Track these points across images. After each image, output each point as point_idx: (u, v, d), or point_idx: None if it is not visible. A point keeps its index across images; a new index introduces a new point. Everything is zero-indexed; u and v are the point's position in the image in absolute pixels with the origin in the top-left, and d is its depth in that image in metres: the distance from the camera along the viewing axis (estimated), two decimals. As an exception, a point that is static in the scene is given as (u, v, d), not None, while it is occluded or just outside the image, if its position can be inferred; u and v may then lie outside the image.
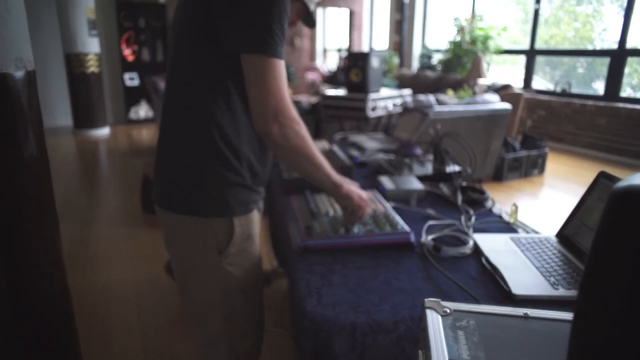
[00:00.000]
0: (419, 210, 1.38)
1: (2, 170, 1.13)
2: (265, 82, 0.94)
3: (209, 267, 1.09)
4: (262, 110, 0.95)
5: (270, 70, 0.94)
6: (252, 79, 0.95)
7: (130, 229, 3.33)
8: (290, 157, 1.01)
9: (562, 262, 1.01)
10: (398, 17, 8.45)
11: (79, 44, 6.35)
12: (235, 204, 1.06)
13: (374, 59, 2.72)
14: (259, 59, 0.93)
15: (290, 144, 0.98)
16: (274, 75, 0.94)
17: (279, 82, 0.95)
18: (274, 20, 0.93)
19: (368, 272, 1.00)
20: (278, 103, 0.95)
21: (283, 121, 0.96)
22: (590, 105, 5.71)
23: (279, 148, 0.99)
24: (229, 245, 1.07)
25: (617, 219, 0.34)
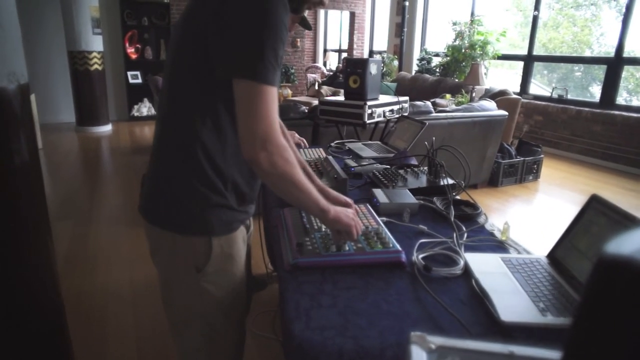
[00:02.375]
0: (412, 226, 1.38)
1: None
2: (255, 108, 0.93)
3: (187, 283, 1.10)
4: (250, 137, 0.94)
5: (260, 97, 0.93)
6: (242, 105, 0.94)
7: (130, 229, 3.33)
8: (278, 184, 1.00)
9: (552, 287, 1.01)
10: (398, 20, 8.45)
11: (83, 42, 6.35)
12: (217, 224, 1.07)
13: (373, 66, 2.72)
14: (249, 85, 0.93)
15: (278, 172, 0.97)
16: (264, 102, 0.93)
17: (269, 109, 0.94)
18: (266, 46, 0.92)
19: (357, 293, 1.00)
20: (267, 130, 0.93)
21: (271, 149, 0.94)
22: (587, 112, 5.73)
23: (266, 175, 0.98)
24: (207, 265, 1.08)
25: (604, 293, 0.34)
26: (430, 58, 7.89)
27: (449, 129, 3.84)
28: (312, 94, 8.34)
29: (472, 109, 4.07)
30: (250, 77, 0.92)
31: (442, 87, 6.31)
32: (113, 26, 7.41)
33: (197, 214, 1.05)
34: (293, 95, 8.75)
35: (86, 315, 2.28)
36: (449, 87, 6.20)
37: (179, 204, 1.06)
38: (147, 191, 1.13)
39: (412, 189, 1.61)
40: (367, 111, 2.65)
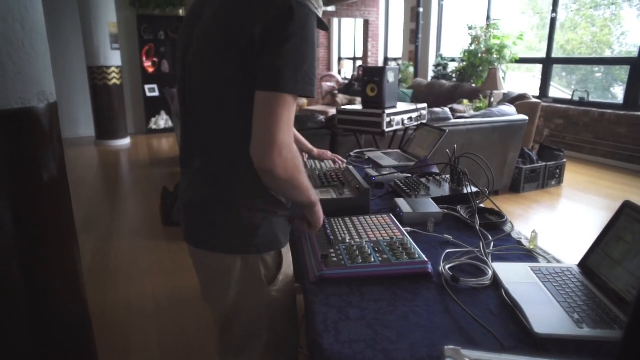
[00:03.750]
0: (437, 235, 1.37)
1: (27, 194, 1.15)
2: (276, 116, 0.92)
3: (258, 298, 1.13)
4: (268, 143, 0.92)
5: (282, 105, 0.93)
6: (262, 112, 0.93)
7: (150, 242, 3.37)
8: (285, 187, 1.02)
9: (586, 297, 0.98)
10: (413, 27, 8.44)
11: (102, 58, 6.51)
12: (282, 236, 1.13)
13: (390, 74, 2.71)
14: (271, 94, 0.93)
15: (289, 177, 0.98)
16: (286, 110, 0.93)
17: (289, 118, 0.95)
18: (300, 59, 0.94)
19: (385, 305, 0.99)
20: (285, 139, 0.93)
21: (287, 156, 0.95)
22: (610, 114, 5.61)
23: (277, 181, 0.97)
24: (279, 274, 1.13)
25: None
26: (446, 64, 7.85)
27: (468, 135, 3.80)
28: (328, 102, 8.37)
29: (491, 114, 4.02)
30: (274, 89, 0.92)
31: (459, 93, 6.26)
32: (130, 41, 7.58)
33: (266, 231, 1.08)
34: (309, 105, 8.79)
35: (109, 329, 2.31)
36: (466, 93, 6.15)
37: (245, 225, 1.06)
38: (197, 219, 1.11)
39: (435, 197, 1.59)
40: (386, 119, 2.64)
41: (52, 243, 1.24)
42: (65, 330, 1.31)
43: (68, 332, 1.32)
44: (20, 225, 1.11)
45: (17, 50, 0.99)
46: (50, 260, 1.23)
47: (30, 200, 1.14)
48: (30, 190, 1.12)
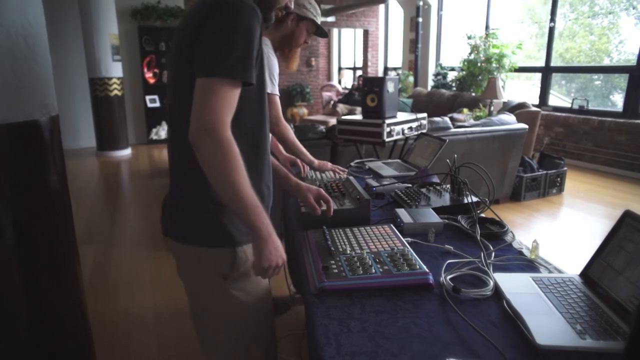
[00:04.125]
0: (437, 245, 1.36)
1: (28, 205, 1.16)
2: (210, 100, 0.96)
3: (215, 292, 1.14)
4: (200, 121, 0.95)
5: (217, 91, 0.96)
6: (198, 97, 0.97)
7: (151, 253, 3.36)
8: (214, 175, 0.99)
9: (588, 307, 0.98)
10: (412, 37, 8.50)
11: (103, 69, 6.56)
12: (237, 234, 1.12)
13: (390, 84, 2.73)
14: (207, 80, 0.97)
15: (214, 162, 0.96)
16: (220, 95, 0.96)
17: (223, 103, 0.97)
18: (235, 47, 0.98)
19: (386, 317, 0.99)
20: (217, 122, 0.95)
21: (215, 138, 0.95)
22: (609, 122, 5.62)
23: (202, 161, 0.98)
24: (232, 271, 1.12)
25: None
26: (446, 73, 7.89)
27: (468, 144, 3.81)
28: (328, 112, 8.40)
29: (491, 123, 4.04)
30: (210, 74, 0.97)
31: (458, 102, 6.29)
32: (132, 52, 7.64)
33: (216, 226, 1.09)
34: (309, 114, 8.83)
35: (110, 340, 2.30)
36: (465, 102, 6.17)
37: (197, 218, 1.11)
38: (169, 210, 1.19)
39: (435, 207, 1.60)
40: (386, 129, 2.65)
41: (53, 254, 1.24)
42: (66, 342, 1.30)
43: (69, 343, 1.31)
44: (21, 236, 1.11)
45: (20, 64, 1.00)
46: (51, 271, 1.23)
47: (32, 211, 1.14)
48: (31, 201, 1.13)
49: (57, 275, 1.25)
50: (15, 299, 1.15)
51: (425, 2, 8.16)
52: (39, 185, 1.15)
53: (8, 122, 1.01)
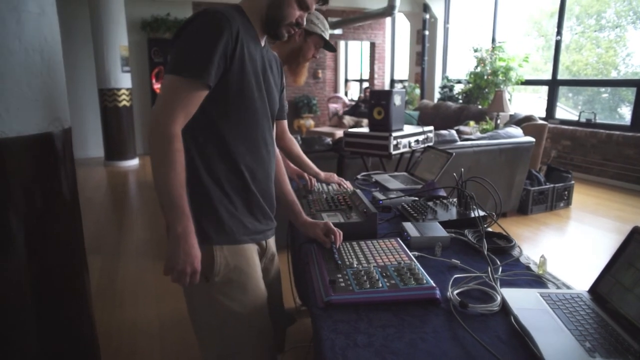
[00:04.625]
0: (444, 260, 1.36)
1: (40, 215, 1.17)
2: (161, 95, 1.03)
3: (199, 293, 1.16)
4: (151, 115, 1.02)
5: (170, 88, 1.03)
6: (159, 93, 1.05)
7: (157, 263, 3.37)
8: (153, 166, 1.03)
9: (597, 325, 0.97)
10: (419, 49, 8.55)
11: (113, 80, 6.64)
12: (214, 232, 1.13)
13: (396, 97, 2.74)
14: (165, 77, 1.05)
15: (152, 152, 1.02)
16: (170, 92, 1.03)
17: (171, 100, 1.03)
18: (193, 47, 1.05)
19: (393, 331, 0.99)
20: (159, 117, 1.01)
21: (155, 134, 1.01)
22: (617, 135, 5.60)
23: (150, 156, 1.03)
24: (213, 274, 1.13)
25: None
26: (452, 85, 7.91)
27: (475, 157, 3.81)
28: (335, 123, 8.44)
29: (497, 136, 4.03)
30: (167, 72, 1.04)
31: (465, 114, 6.29)
32: (141, 64, 7.74)
33: (194, 218, 1.08)
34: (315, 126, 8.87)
35: (115, 350, 2.30)
36: (472, 114, 6.18)
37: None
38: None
39: (442, 221, 1.59)
40: (393, 142, 2.66)
41: (63, 264, 1.25)
42: (74, 351, 1.31)
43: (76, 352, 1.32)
44: (33, 246, 1.12)
45: (36, 79, 1.02)
46: (61, 282, 1.24)
47: (43, 221, 1.16)
48: (43, 211, 1.15)
49: (67, 286, 1.26)
50: (24, 309, 1.16)
51: (432, 15, 8.22)
52: (51, 196, 1.17)
53: (22, 135, 1.03)
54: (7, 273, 1.09)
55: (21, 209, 1.09)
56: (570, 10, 7.22)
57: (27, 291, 1.14)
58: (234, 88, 1.13)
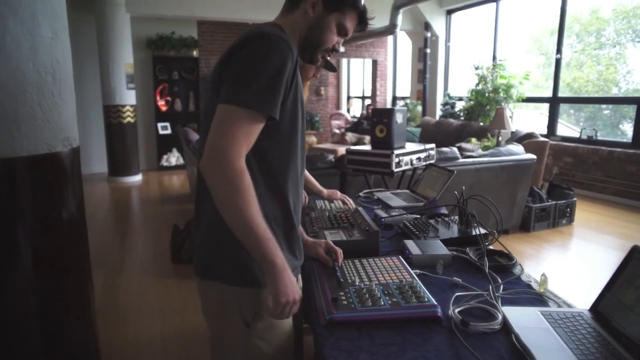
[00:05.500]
0: (446, 278, 1.37)
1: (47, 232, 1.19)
2: (225, 128, 0.94)
3: (237, 339, 1.10)
4: (212, 150, 0.94)
5: (234, 119, 0.95)
6: (216, 124, 0.96)
7: (160, 279, 3.37)
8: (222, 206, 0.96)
9: (598, 344, 0.98)
10: (420, 67, 8.64)
11: (117, 97, 6.73)
12: (261, 275, 1.03)
13: (398, 115, 2.78)
14: (226, 107, 0.96)
15: (220, 190, 0.94)
16: (237, 125, 0.94)
17: (239, 133, 0.95)
18: (258, 77, 0.96)
19: (395, 350, 0.99)
20: (229, 151, 0.93)
21: (227, 169, 0.93)
22: (619, 152, 5.61)
23: (212, 189, 0.96)
24: (256, 319, 1.08)
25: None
26: (454, 102, 7.97)
27: (476, 174, 3.82)
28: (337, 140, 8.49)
29: (499, 153, 4.06)
30: (230, 102, 0.95)
31: (467, 131, 6.33)
32: (146, 81, 7.85)
33: (243, 264, 1.05)
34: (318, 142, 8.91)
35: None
36: (474, 131, 6.21)
37: (225, 254, 1.07)
38: (195, 245, 1.15)
39: (444, 239, 1.61)
40: (395, 160, 2.69)
41: (68, 280, 1.27)
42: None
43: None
44: (39, 262, 1.14)
45: (47, 99, 1.05)
46: (66, 297, 1.26)
47: (50, 238, 1.18)
48: (50, 228, 1.17)
49: (72, 302, 1.27)
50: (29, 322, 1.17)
51: (433, 33, 8.33)
52: (59, 212, 1.19)
53: (32, 154, 1.05)
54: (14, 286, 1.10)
55: (29, 225, 1.11)
56: (570, 29, 7.31)
57: (32, 305, 1.16)
58: (286, 119, 1.06)
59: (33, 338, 1.18)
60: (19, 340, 1.15)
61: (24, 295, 1.15)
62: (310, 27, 1.12)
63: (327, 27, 1.13)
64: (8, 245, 1.08)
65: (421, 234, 1.65)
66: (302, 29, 1.12)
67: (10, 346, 1.13)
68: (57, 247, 1.22)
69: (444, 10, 8.30)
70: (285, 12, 1.15)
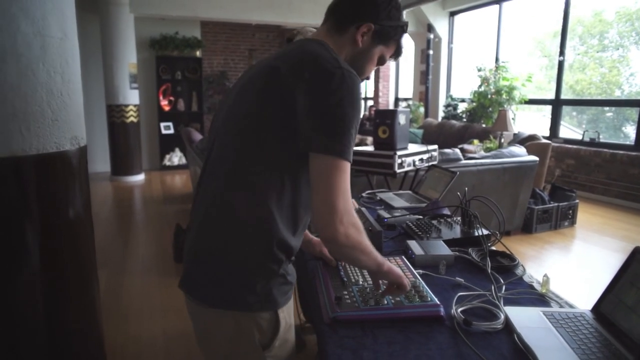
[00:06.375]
0: (448, 278, 1.38)
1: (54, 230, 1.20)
2: (336, 186, 0.94)
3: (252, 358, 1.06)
4: (329, 212, 0.94)
5: (340, 172, 0.94)
6: (321, 181, 0.94)
7: (162, 279, 3.39)
8: (349, 254, 1.03)
9: (600, 344, 0.99)
10: (423, 68, 8.64)
11: (121, 97, 6.76)
12: (279, 295, 1.04)
13: (401, 116, 2.79)
14: (329, 159, 0.94)
15: (352, 243, 0.99)
16: (343, 177, 0.95)
17: (347, 184, 0.96)
18: (350, 126, 0.95)
19: (398, 348, 1.00)
20: (346, 206, 0.95)
21: (347, 223, 0.96)
22: (622, 155, 5.61)
23: (340, 248, 1.00)
24: (275, 340, 1.06)
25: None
26: (456, 104, 7.97)
27: (479, 175, 3.83)
28: (340, 141, 8.48)
29: (501, 155, 4.06)
30: (331, 153, 0.93)
31: (469, 133, 6.34)
32: (149, 81, 7.88)
33: (262, 289, 1.01)
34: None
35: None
36: (476, 133, 6.22)
37: (242, 280, 1.01)
38: (197, 268, 1.07)
39: (446, 240, 1.62)
40: (397, 161, 2.70)
41: (75, 278, 1.28)
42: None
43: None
44: (47, 259, 1.15)
45: (56, 99, 1.07)
46: (72, 295, 1.27)
47: (57, 236, 1.19)
48: (57, 226, 1.18)
49: (78, 300, 1.29)
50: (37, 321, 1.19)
51: (436, 35, 8.34)
52: (66, 210, 1.21)
53: (41, 153, 1.07)
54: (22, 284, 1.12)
55: (37, 222, 1.12)
56: (573, 31, 7.31)
57: (39, 302, 1.17)
58: None
59: (40, 335, 1.19)
60: (27, 337, 1.16)
61: (32, 293, 1.16)
62: (355, 56, 1.11)
63: (371, 58, 1.13)
64: (17, 243, 1.09)
65: (424, 235, 1.66)
66: (346, 55, 1.11)
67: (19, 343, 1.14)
68: (65, 245, 1.23)
69: (447, 12, 8.30)
70: (332, 32, 1.11)
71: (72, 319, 1.28)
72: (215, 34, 8.40)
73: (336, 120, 0.94)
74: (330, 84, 0.94)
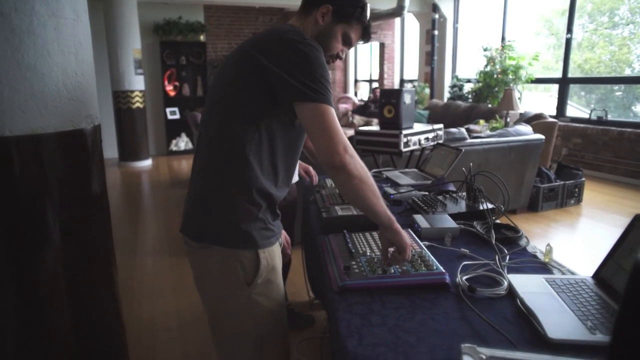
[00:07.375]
0: (454, 249, 1.42)
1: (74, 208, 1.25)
2: (329, 124, 1.08)
3: (238, 299, 1.20)
4: (333, 146, 1.07)
5: (329, 115, 1.09)
6: (315, 124, 1.09)
7: (172, 258, 3.46)
8: (359, 187, 1.10)
9: (599, 306, 1.02)
10: (428, 49, 8.57)
11: (126, 82, 6.78)
12: (259, 237, 1.18)
13: (406, 95, 2.80)
14: (317, 107, 1.08)
15: (360, 174, 1.09)
16: (334, 119, 1.10)
17: (338, 125, 1.10)
18: (322, 77, 1.10)
19: (405, 313, 1.05)
20: (344, 139, 1.09)
21: (352, 153, 1.09)
22: (629, 133, 5.58)
23: (350, 178, 1.09)
24: (256, 277, 1.18)
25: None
26: (462, 85, 7.92)
27: (484, 154, 3.84)
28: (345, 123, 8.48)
29: (507, 134, 4.06)
30: (316, 100, 1.08)
31: (475, 113, 6.31)
32: (153, 66, 7.89)
33: (243, 228, 1.16)
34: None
35: (134, 346, 2.37)
36: (482, 113, 6.20)
37: (226, 219, 1.16)
38: (192, 212, 1.23)
39: (451, 214, 1.65)
40: (403, 140, 2.72)
41: (94, 254, 1.33)
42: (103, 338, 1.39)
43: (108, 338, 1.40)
44: (67, 237, 1.20)
45: (71, 79, 1.10)
46: (92, 270, 1.32)
47: (76, 214, 1.24)
48: (76, 204, 1.22)
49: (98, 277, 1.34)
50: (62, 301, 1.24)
51: (441, 15, 8.25)
52: (83, 189, 1.25)
53: (59, 131, 1.11)
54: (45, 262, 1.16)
55: (56, 201, 1.17)
56: (582, 8, 7.19)
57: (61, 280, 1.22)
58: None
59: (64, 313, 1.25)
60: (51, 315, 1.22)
61: (55, 271, 1.21)
62: (318, 34, 1.24)
63: (333, 35, 1.26)
64: (38, 221, 1.14)
65: (429, 209, 1.70)
66: (312, 34, 1.24)
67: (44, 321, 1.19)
68: (84, 223, 1.28)
69: (452, -9, 8.19)
70: (300, 16, 1.28)
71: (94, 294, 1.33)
72: (218, 17, 8.36)
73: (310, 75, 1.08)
74: (297, 48, 1.10)
